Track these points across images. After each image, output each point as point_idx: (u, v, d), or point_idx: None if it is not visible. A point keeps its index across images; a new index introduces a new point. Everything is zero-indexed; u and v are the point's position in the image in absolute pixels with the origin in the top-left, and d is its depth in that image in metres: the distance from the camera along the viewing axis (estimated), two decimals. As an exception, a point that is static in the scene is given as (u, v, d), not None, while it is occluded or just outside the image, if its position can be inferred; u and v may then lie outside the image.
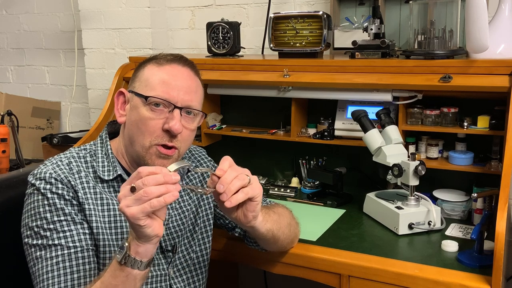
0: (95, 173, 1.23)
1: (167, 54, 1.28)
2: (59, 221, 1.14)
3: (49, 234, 1.13)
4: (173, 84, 1.20)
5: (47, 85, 3.11)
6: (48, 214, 1.14)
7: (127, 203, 0.97)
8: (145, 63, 1.26)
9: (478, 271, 1.32)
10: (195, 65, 1.29)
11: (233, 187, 1.06)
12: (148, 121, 1.18)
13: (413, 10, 1.76)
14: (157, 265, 1.28)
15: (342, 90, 1.83)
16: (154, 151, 1.19)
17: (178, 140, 1.20)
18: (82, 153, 1.26)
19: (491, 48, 1.58)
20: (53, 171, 1.18)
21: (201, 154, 1.48)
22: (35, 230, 1.14)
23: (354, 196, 1.88)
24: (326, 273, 1.45)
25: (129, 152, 1.25)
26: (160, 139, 1.19)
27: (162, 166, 1.15)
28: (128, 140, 1.23)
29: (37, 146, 2.76)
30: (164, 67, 1.23)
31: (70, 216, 1.15)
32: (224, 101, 2.24)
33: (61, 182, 1.17)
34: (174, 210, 1.33)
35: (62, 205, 1.15)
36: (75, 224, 1.15)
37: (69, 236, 1.14)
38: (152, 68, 1.23)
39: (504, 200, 1.32)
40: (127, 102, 1.25)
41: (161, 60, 1.24)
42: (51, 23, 2.99)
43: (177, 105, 1.19)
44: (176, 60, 1.25)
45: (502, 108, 1.60)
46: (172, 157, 1.21)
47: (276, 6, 2.26)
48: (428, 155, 1.79)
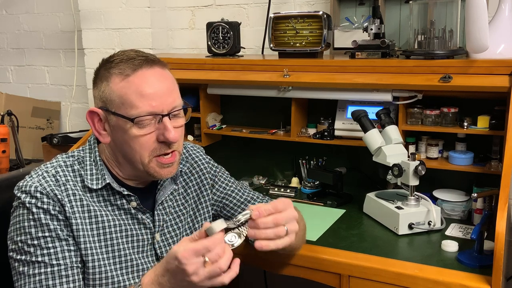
0: (83, 182, 1.18)
1: (123, 56, 1.17)
2: (43, 237, 1.10)
3: (33, 250, 1.10)
4: (150, 93, 1.12)
5: (47, 85, 3.11)
6: (33, 229, 1.11)
7: (202, 279, 0.99)
8: (105, 75, 1.15)
9: (478, 271, 1.32)
10: (155, 56, 1.19)
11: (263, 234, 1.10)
12: (140, 139, 1.14)
13: (413, 10, 1.76)
14: None
15: (342, 90, 1.83)
16: (155, 163, 1.16)
17: (175, 144, 1.17)
18: (70, 161, 1.21)
19: (491, 48, 1.58)
20: (39, 183, 1.13)
21: (197, 154, 1.44)
22: (19, 245, 1.11)
23: (354, 196, 1.88)
24: (326, 273, 1.45)
25: (126, 168, 1.21)
26: (158, 151, 1.16)
27: (169, 173, 1.19)
28: (122, 159, 1.19)
29: (37, 146, 2.76)
30: (131, 79, 1.13)
31: (54, 232, 1.11)
32: (224, 101, 2.23)
33: (46, 196, 1.12)
34: (169, 215, 1.30)
35: (48, 220, 1.11)
36: (59, 241, 1.12)
37: (53, 253, 1.11)
38: (119, 82, 1.13)
39: (504, 200, 1.32)
40: (104, 120, 1.18)
41: (123, 69, 1.13)
42: (51, 23, 2.99)
43: (163, 113, 1.13)
44: (140, 64, 1.14)
45: (502, 108, 1.60)
46: (175, 161, 1.19)
47: (276, 6, 2.26)
48: (428, 155, 1.79)
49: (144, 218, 1.23)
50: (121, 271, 1.18)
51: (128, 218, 1.22)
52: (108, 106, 1.15)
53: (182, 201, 1.35)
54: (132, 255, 1.21)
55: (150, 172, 1.17)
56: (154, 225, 1.25)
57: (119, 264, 1.18)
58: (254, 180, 2.10)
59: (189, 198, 1.36)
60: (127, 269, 1.19)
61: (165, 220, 1.28)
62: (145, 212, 1.24)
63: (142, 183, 1.26)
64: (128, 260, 1.20)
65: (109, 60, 1.18)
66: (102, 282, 1.15)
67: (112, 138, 1.18)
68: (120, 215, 1.21)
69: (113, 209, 1.20)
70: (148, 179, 1.25)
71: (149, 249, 1.24)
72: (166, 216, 1.29)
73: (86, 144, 1.26)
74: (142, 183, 1.26)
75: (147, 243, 1.24)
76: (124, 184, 1.23)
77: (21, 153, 2.42)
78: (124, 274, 1.19)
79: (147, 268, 1.22)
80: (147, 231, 1.24)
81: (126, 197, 1.21)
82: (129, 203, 1.22)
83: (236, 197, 1.44)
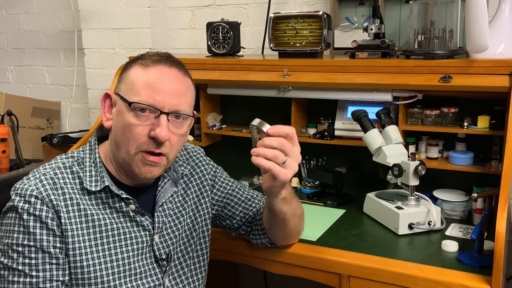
0: (81, 184, 1.17)
1: (154, 53, 1.20)
2: (27, 246, 1.09)
3: (16, 256, 1.09)
4: (159, 87, 1.13)
5: (47, 85, 3.11)
6: (20, 235, 1.09)
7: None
8: (131, 64, 1.19)
9: (478, 271, 1.32)
10: (183, 65, 1.21)
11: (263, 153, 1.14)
12: (133, 128, 1.13)
13: (413, 10, 1.76)
14: (151, 276, 1.23)
15: (342, 90, 1.83)
16: (139, 158, 1.15)
17: (166, 146, 1.15)
18: (69, 162, 1.20)
19: (491, 48, 1.58)
20: (35, 187, 1.11)
21: (198, 155, 1.43)
22: (5, 248, 1.11)
23: (354, 196, 1.88)
24: (326, 273, 1.45)
25: (116, 158, 1.19)
26: (146, 146, 1.14)
27: (149, 172, 1.17)
28: (114, 146, 1.19)
29: (37, 146, 2.76)
30: (149, 69, 1.15)
31: (39, 243, 1.09)
32: (224, 101, 2.23)
33: (41, 201, 1.10)
34: (168, 217, 1.28)
35: (36, 229, 1.09)
36: (42, 253, 1.10)
37: (34, 264, 1.09)
38: (137, 70, 1.16)
39: (504, 200, 1.32)
40: (114, 105, 1.19)
41: (146, 61, 1.17)
42: (51, 23, 2.99)
43: (163, 110, 1.13)
44: (162, 60, 1.17)
45: (502, 108, 1.61)
46: (159, 164, 1.17)
47: (276, 6, 2.26)
48: (428, 155, 1.79)
49: (143, 220, 1.23)
50: (118, 275, 1.17)
51: (126, 221, 1.21)
52: (120, 90, 1.18)
53: (182, 203, 1.34)
54: (130, 258, 1.20)
55: (132, 165, 1.15)
56: (153, 227, 1.24)
57: (116, 268, 1.17)
58: (254, 180, 2.10)
59: (188, 200, 1.35)
60: (125, 273, 1.18)
61: (165, 222, 1.27)
62: (144, 214, 1.23)
63: (140, 184, 1.25)
64: (126, 263, 1.19)
65: (140, 57, 1.21)
66: (98, 287, 1.15)
67: (113, 123, 1.19)
68: (118, 218, 1.20)
69: (111, 211, 1.19)
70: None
71: (148, 251, 1.23)
72: (165, 218, 1.27)
73: (86, 145, 1.25)
74: (141, 184, 1.25)
75: (145, 245, 1.23)
76: (123, 186, 1.22)
77: (21, 153, 2.42)
78: (121, 278, 1.18)
79: (144, 272, 1.21)
80: (146, 233, 1.23)
81: (124, 200, 1.20)
82: (128, 206, 1.21)
83: (237, 196, 1.44)
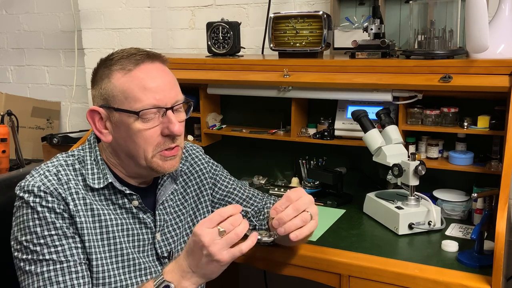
0: (84, 181, 1.18)
1: (124, 54, 1.16)
2: (49, 236, 1.10)
3: (39, 249, 1.09)
4: (154, 87, 1.13)
5: (47, 85, 3.11)
6: (38, 228, 1.10)
7: (220, 248, 1.04)
8: (106, 73, 1.16)
9: (478, 271, 1.32)
10: (158, 54, 1.20)
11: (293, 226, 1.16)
12: (144, 133, 1.13)
13: (413, 10, 1.76)
14: (152, 273, 1.23)
15: (342, 90, 1.83)
16: (158, 157, 1.17)
17: (178, 138, 1.18)
18: (70, 160, 1.20)
19: (491, 48, 1.58)
20: (41, 183, 1.12)
21: (197, 153, 1.44)
22: (24, 245, 1.10)
23: (354, 196, 1.88)
24: (326, 273, 1.45)
25: (128, 166, 1.20)
26: (162, 145, 1.16)
27: (172, 166, 1.19)
28: (125, 156, 1.18)
29: (37, 146, 2.77)
30: (134, 73, 1.14)
31: (61, 230, 1.11)
32: (224, 101, 2.23)
33: (50, 195, 1.11)
34: (169, 215, 1.30)
35: (53, 218, 1.10)
36: (66, 238, 1.11)
37: (61, 250, 1.10)
38: (121, 77, 1.14)
39: (504, 200, 1.32)
40: (105, 119, 1.17)
41: (125, 65, 1.14)
42: (51, 23, 3.00)
43: (167, 106, 1.14)
44: (142, 59, 1.15)
45: (502, 108, 1.60)
46: (177, 155, 1.20)
47: (276, 6, 2.26)
48: (428, 155, 1.79)
49: (145, 218, 1.24)
50: (123, 270, 1.18)
51: (129, 218, 1.22)
52: (110, 103, 1.15)
53: (182, 201, 1.35)
54: (134, 254, 1.21)
55: (153, 166, 1.17)
56: (155, 225, 1.26)
57: (121, 263, 1.18)
58: (254, 180, 2.10)
59: (188, 198, 1.37)
60: (129, 268, 1.19)
61: (166, 220, 1.29)
62: (146, 211, 1.24)
63: (143, 183, 1.26)
64: (130, 259, 1.20)
65: (108, 58, 1.19)
66: (105, 281, 1.15)
67: (114, 136, 1.18)
68: (122, 214, 1.21)
69: (115, 208, 1.20)
70: (151, 175, 1.25)
71: (150, 249, 1.25)
72: (166, 216, 1.29)
73: (86, 143, 1.25)
74: (143, 182, 1.26)
75: (147, 242, 1.24)
76: (126, 183, 1.23)
77: (21, 153, 2.42)
78: (126, 273, 1.19)
79: (148, 268, 1.22)
80: (148, 231, 1.24)
81: (128, 196, 1.21)
82: (131, 202, 1.22)
83: (238, 195, 1.45)
